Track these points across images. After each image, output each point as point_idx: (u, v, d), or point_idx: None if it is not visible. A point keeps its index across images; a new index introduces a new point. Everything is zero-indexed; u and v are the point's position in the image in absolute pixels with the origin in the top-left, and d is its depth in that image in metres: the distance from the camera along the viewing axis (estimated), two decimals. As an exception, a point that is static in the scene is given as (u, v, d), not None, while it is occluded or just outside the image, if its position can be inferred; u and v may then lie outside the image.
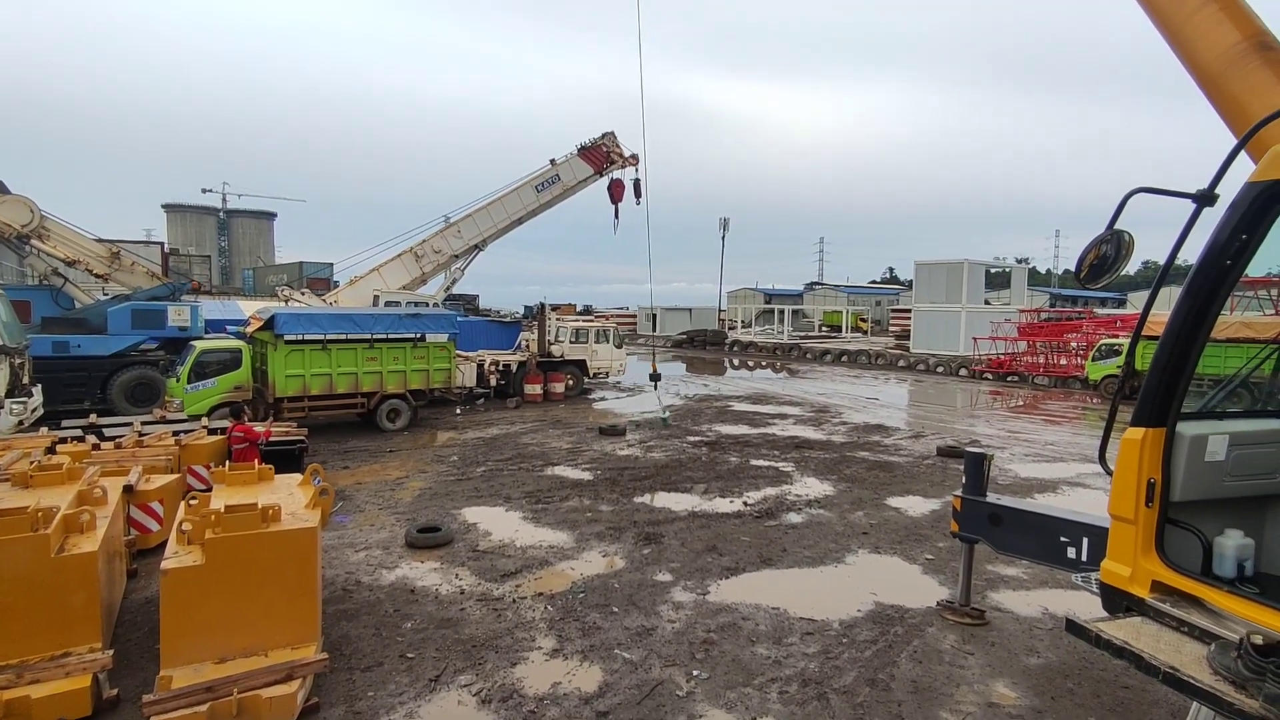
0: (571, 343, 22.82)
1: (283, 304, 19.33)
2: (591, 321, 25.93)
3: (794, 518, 9.65)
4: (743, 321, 56.87)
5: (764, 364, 36.84)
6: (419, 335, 16.47)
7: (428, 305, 20.88)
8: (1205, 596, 2.84)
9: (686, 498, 10.60)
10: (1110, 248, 2.98)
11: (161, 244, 38.72)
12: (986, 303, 39.60)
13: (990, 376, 29.59)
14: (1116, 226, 2.99)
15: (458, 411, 18.47)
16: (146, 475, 8.02)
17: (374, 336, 15.81)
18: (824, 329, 56.89)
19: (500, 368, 20.49)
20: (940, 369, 31.92)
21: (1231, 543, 3.09)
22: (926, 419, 19.24)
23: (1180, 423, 3.04)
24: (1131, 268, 3.34)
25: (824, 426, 17.15)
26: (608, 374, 23.96)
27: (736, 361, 38.60)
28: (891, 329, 52.12)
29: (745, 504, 10.24)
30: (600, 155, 22.34)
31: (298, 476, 6.60)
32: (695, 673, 5.53)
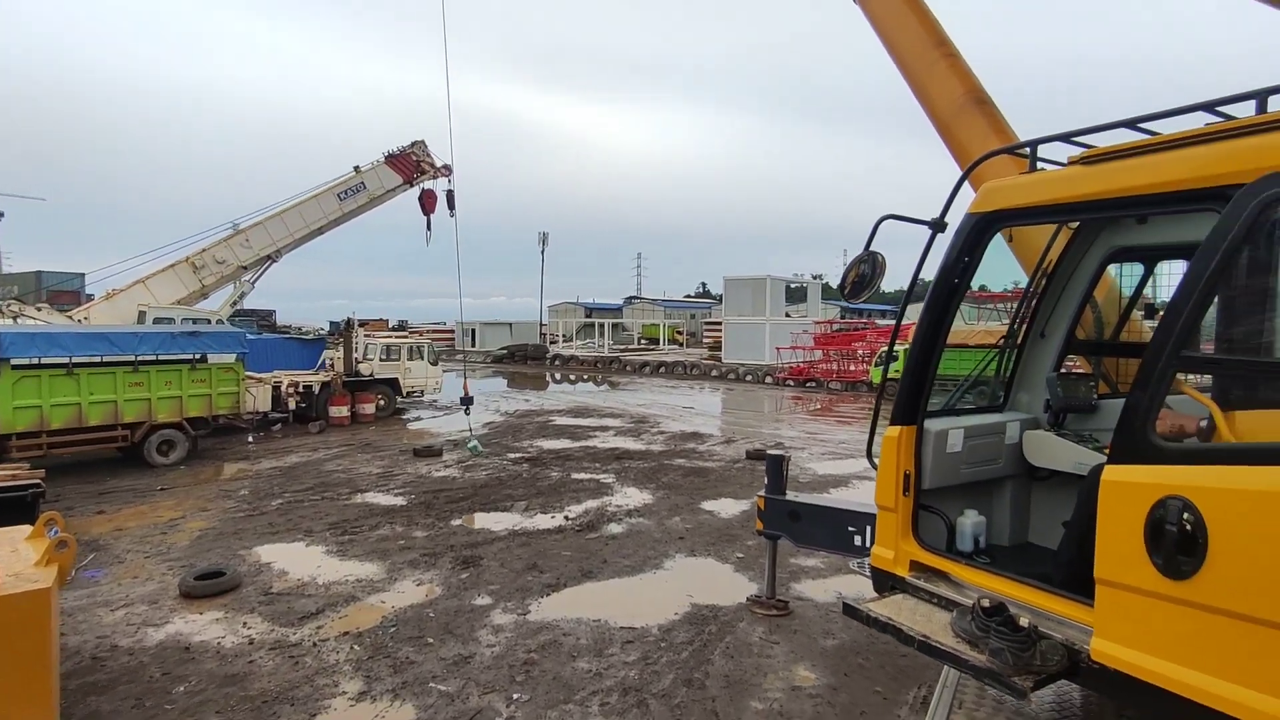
0: (382, 360, 21.53)
1: (10, 321, 16.24)
2: (405, 337, 24.69)
3: (614, 528, 9.82)
4: (564, 335, 57.24)
5: (586, 377, 37.31)
6: (198, 355, 14.62)
7: (209, 321, 18.66)
8: (949, 570, 3.30)
9: (507, 516, 10.39)
10: (868, 267, 3.40)
11: None
12: (787, 315, 43.30)
13: (792, 383, 32.34)
14: (872, 248, 3.41)
15: (250, 440, 16.63)
16: None
17: (139, 358, 13.75)
18: (643, 342, 58.85)
19: (300, 389, 18.78)
20: (749, 377, 34.32)
21: (969, 521, 3.63)
22: (737, 425, 20.56)
23: (927, 420, 3.52)
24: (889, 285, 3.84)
25: (643, 437, 17.69)
26: (423, 392, 22.90)
27: (558, 375, 38.72)
28: (705, 340, 55.18)
29: (566, 518, 10.25)
30: (410, 164, 21.39)
31: (26, 529, 5.52)
32: (515, 696, 5.41)
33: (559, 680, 5.66)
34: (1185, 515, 2.32)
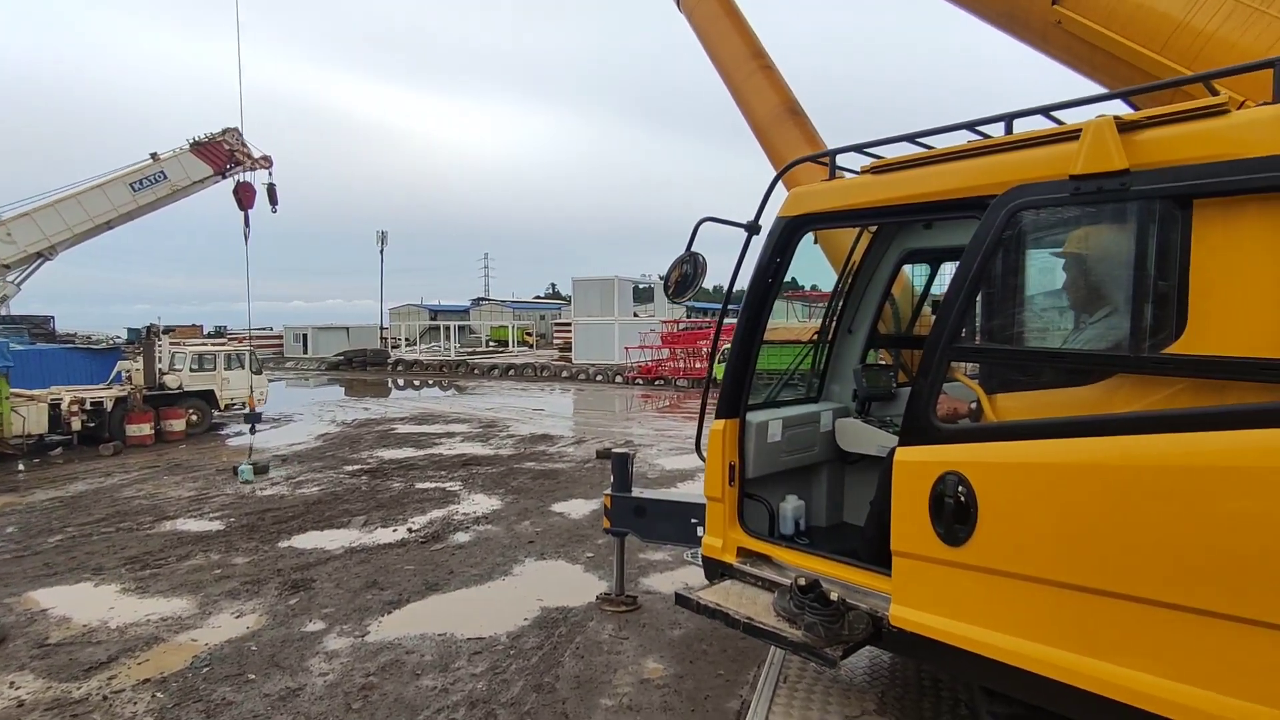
0: (194, 371, 19.34)
1: None
2: (222, 345, 22.37)
3: (461, 537, 9.51)
4: (407, 339, 54.62)
5: (431, 382, 35.87)
6: (-50, 372, 12.36)
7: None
8: (772, 553, 3.53)
9: (343, 533, 9.73)
10: (689, 267, 3.55)
11: None
12: (635, 315, 44.20)
13: (641, 382, 33.06)
14: (693, 249, 3.57)
15: (19, 468, 14.31)
16: None
17: None
18: (491, 344, 57.57)
19: (88, 406, 16.40)
20: (599, 377, 34.65)
21: (789, 506, 3.90)
22: (588, 425, 20.69)
23: (749, 413, 3.74)
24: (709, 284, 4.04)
25: (492, 441, 17.30)
26: (245, 404, 20.88)
27: (401, 381, 36.91)
28: (556, 341, 54.99)
29: (410, 530, 9.78)
30: (222, 154, 19.34)
31: None
32: (351, 726, 5.08)
33: (401, 701, 5.39)
34: (960, 488, 2.63)
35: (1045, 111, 2.83)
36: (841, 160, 3.50)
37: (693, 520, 6.16)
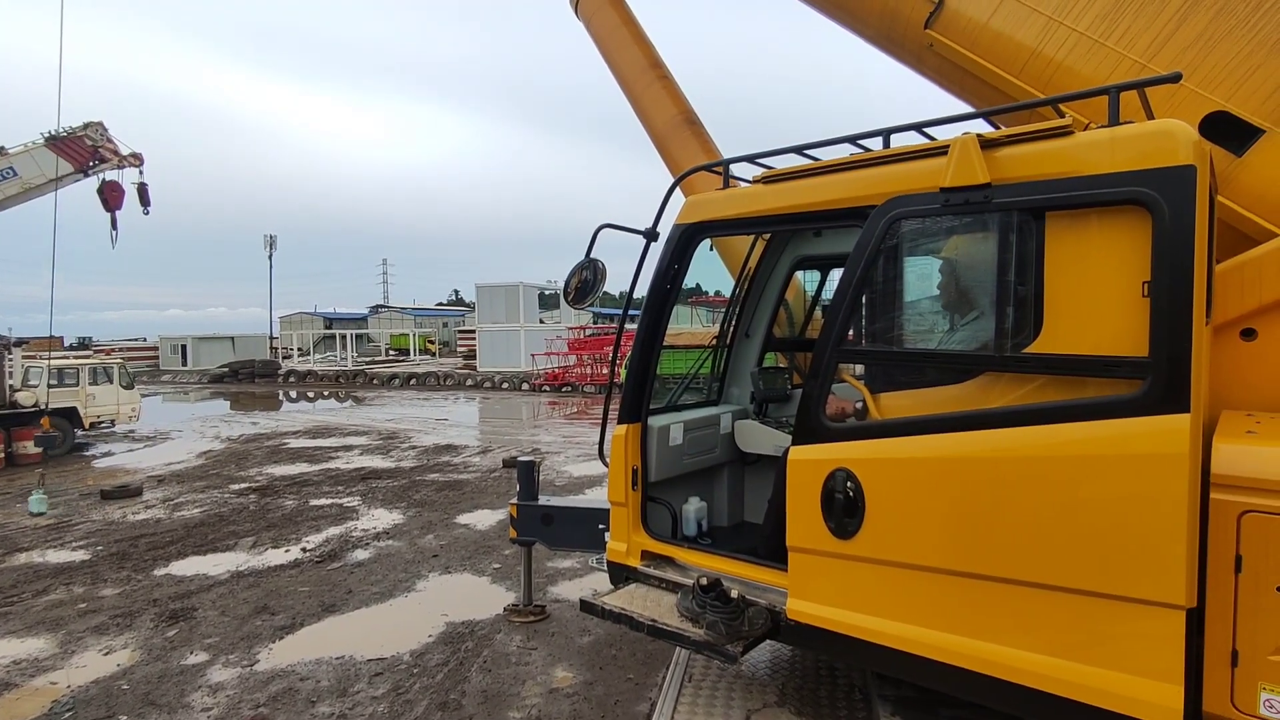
0: (53, 386, 17.56)
1: None
2: (86, 357, 20.45)
3: (361, 554, 9.10)
4: (300, 349, 51.78)
5: (327, 393, 34.15)
6: None
7: None
8: (675, 555, 3.59)
9: (229, 556, 9.10)
10: (589, 273, 3.57)
11: None
12: (541, 322, 43.77)
13: (548, 389, 32.75)
14: (593, 255, 3.59)
15: None
16: None
17: None
18: (391, 353, 55.46)
19: (-75, 429, 14.60)
20: (505, 385, 34.05)
21: (692, 508, 3.98)
22: (494, 434, 20.30)
23: (650, 417, 3.79)
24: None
25: (393, 453, 16.67)
26: (113, 422, 19.19)
27: (294, 393, 34.92)
28: (460, 349, 53.65)
29: (304, 550, 9.27)
30: (84, 150, 17.67)
31: None
32: (237, 762, 4.75)
33: (294, 732, 5.09)
34: (848, 484, 2.77)
35: (918, 128, 3.03)
36: (735, 170, 3.62)
37: (600, 526, 6.14)
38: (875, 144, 3.12)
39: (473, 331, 44.23)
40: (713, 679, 3.75)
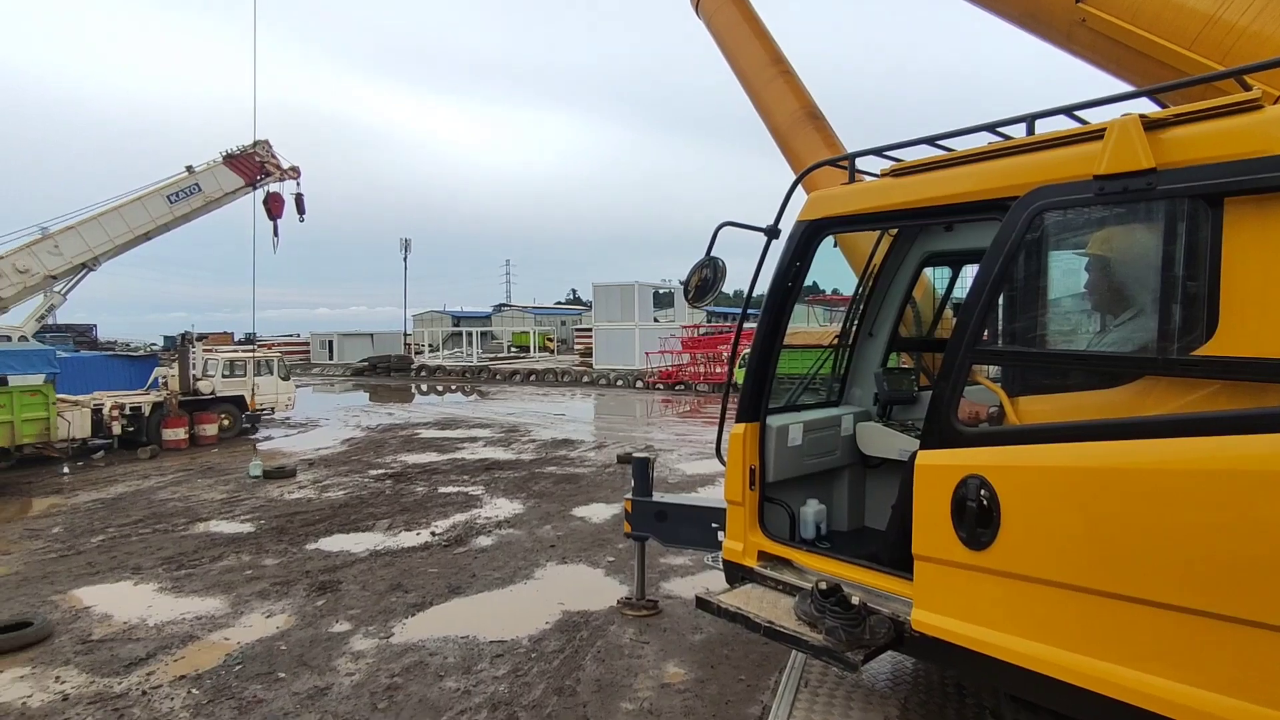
0: (226, 377, 19.78)
1: None
2: (251, 351, 22.83)
3: (484, 541, 9.59)
4: (430, 345, 55.20)
5: (454, 388, 36.20)
6: (-4, 378, 12.78)
7: (10, 339, 16.34)
8: (793, 557, 3.52)
9: (368, 536, 9.87)
10: (709, 272, 3.57)
11: None
12: (655, 320, 44.25)
13: (661, 387, 33.06)
14: (712, 254, 3.59)
15: (64, 470, 14.71)
16: None
17: (-83, 383, 11.83)
18: (513, 349, 57.96)
19: (127, 411, 16.85)
20: (620, 382, 34.71)
21: (810, 510, 3.89)
22: (608, 430, 20.74)
23: (769, 417, 3.74)
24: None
25: (513, 446, 17.42)
26: (273, 409, 21.29)
27: (425, 387, 37.30)
28: (576, 347, 55.20)
29: (433, 534, 9.90)
30: (253, 165, 19.80)
31: None
32: (376, 725, 5.15)
33: (425, 702, 5.45)
34: (982, 492, 2.61)
35: (1068, 111, 2.80)
36: (861, 164, 3.50)
37: (713, 525, 6.16)
38: (1017, 133, 2.92)
39: (589, 330, 45.39)
40: (830, 686, 3.65)
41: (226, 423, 18.98)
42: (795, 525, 3.81)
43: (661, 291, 52.21)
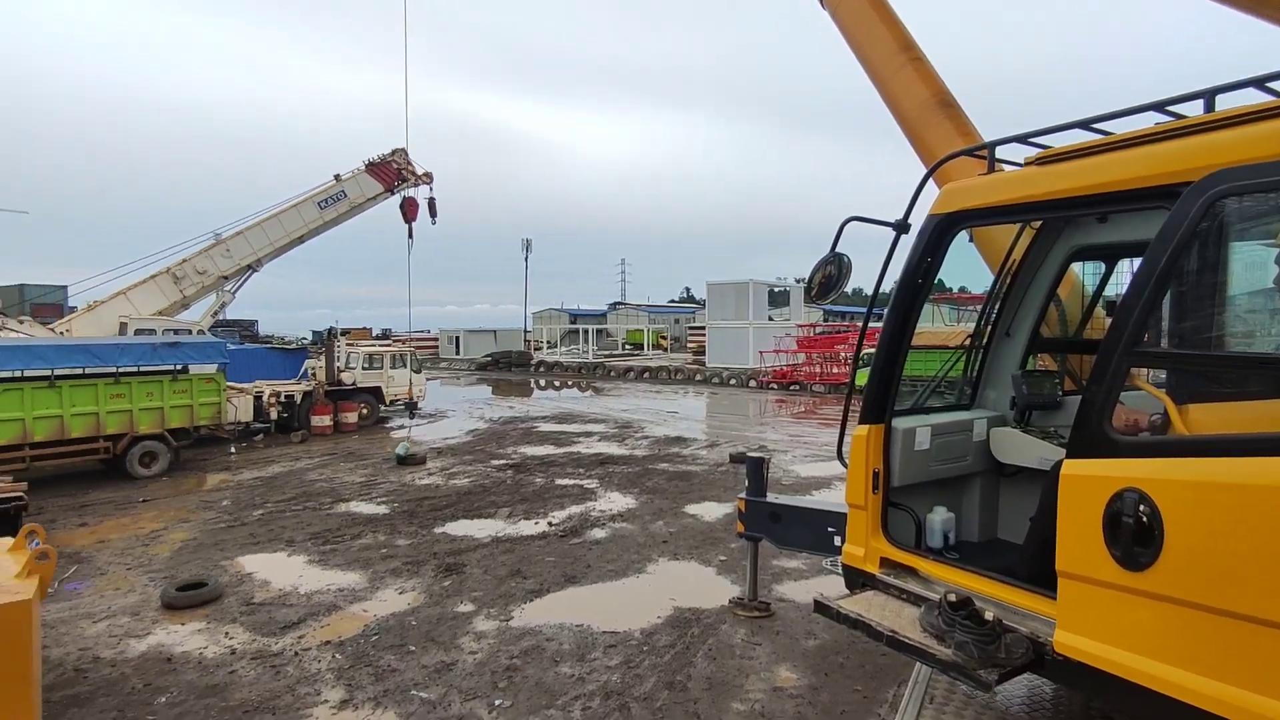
0: (365, 369, 21.41)
1: (-9, 334, 16.04)
2: (388, 346, 24.55)
3: (598, 533, 9.82)
4: (548, 342, 57.12)
5: (570, 383, 37.27)
6: (180, 366, 14.49)
7: (190, 332, 18.48)
8: (918, 566, 3.36)
9: (490, 523, 10.37)
10: (834, 268, 3.46)
11: None
12: (770, 319, 43.50)
13: (776, 386, 32.47)
14: (838, 249, 3.47)
15: (231, 450, 16.48)
16: None
17: (120, 370, 13.63)
18: (627, 347, 58.85)
19: (283, 399, 18.64)
20: (733, 381, 34.41)
21: (938, 518, 3.69)
22: (721, 429, 20.63)
23: (895, 419, 3.58)
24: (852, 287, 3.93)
25: (627, 442, 17.70)
26: (407, 400, 22.80)
27: (543, 382, 38.64)
28: (689, 345, 55.28)
29: (550, 524, 10.25)
30: (391, 172, 21.33)
31: (8, 541, 5.47)
32: (497, 702, 5.41)
33: (541, 686, 5.66)
34: (1141, 507, 2.38)
35: (1259, 84, 2.49)
36: (1002, 153, 3.28)
37: (829, 529, 5.99)
38: (1191, 112, 2.63)
39: (702, 328, 45.33)
40: (957, 705, 3.46)
41: (365, 412, 20.54)
42: (921, 533, 3.64)
43: (776, 290, 51.26)
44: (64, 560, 8.48)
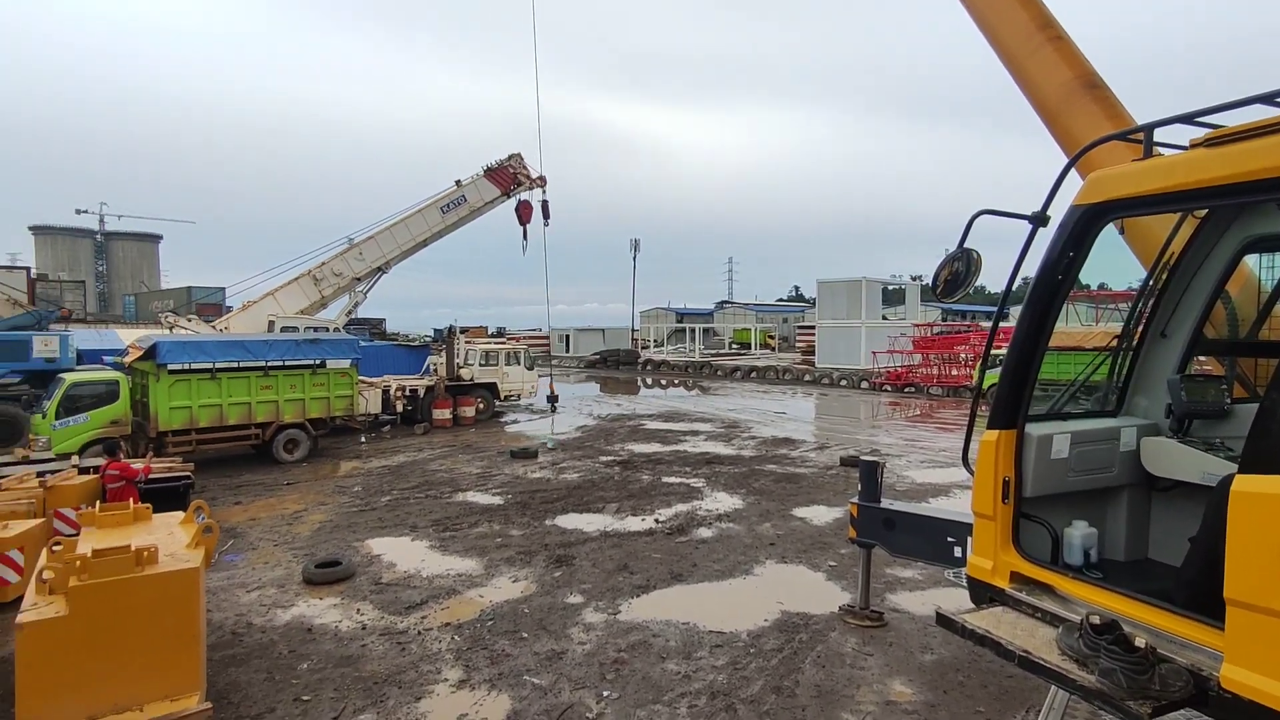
0: (481, 365, 22.44)
1: (167, 332, 18.09)
2: (502, 344, 25.62)
3: (704, 532, 9.80)
4: (655, 341, 57.55)
5: (677, 382, 37.38)
6: (318, 361, 15.77)
7: (328, 330, 20.06)
8: (1055, 584, 3.11)
9: (599, 518, 10.59)
10: (961, 265, 3.25)
11: (27, 269, 35.42)
12: (884, 318, 41.76)
13: (889, 388, 31.16)
14: (966, 245, 3.26)
15: (362, 440, 17.76)
16: (4, 521, 7.29)
17: (269, 364, 15.01)
18: (734, 346, 58.33)
19: (407, 393, 19.87)
20: (844, 382, 33.33)
21: (1078, 533, 3.40)
22: (831, 431, 20.04)
23: (1028, 424, 3.33)
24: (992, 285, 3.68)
25: (734, 441, 17.55)
26: (520, 396, 23.67)
27: (650, 380, 38.99)
28: (798, 345, 54.03)
29: (657, 521, 10.33)
30: (507, 176, 22.21)
31: (179, 515, 6.17)
32: (605, 693, 5.51)
33: (648, 680, 5.72)
34: (1330, 531, 2.10)
35: None
36: (1160, 135, 2.96)
37: (949, 539, 5.71)
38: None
39: (812, 327, 44.19)
40: (1100, 738, 3.19)
41: (481, 406, 21.52)
42: (1058, 548, 3.36)
43: (891, 288, 49.15)
44: (222, 534, 9.45)
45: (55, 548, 5.25)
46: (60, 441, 12.77)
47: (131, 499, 7.75)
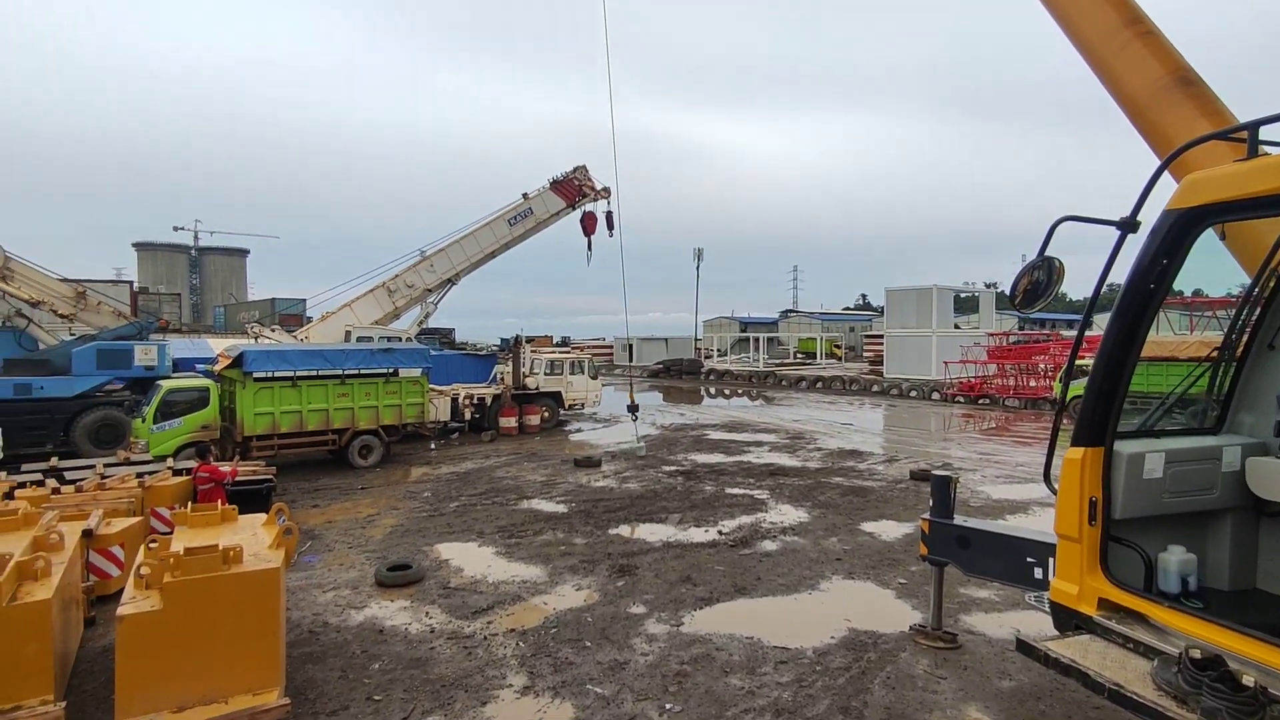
0: (546, 374, 22.78)
1: (252, 341, 19.12)
2: (567, 353, 25.95)
3: (768, 545, 9.65)
4: (719, 350, 57.19)
5: (740, 392, 37.02)
6: (391, 370, 16.35)
7: (400, 340, 20.77)
8: (1149, 613, 2.91)
9: (661, 528, 10.56)
10: (1042, 274, 3.10)
11: (130, 282, 38.19)
12: (956, 327, 40.36)
13: (962, 399, 30.01)
14: (1047, 253, 3.11)
15: (432, 446, 18.28)
16: (107, 519, 7.82)
17: (345, 372, 15.68)
18: (799, 356, 57.38)
19: (475, 401, 20.36)
20: (913, 393, 32.30)
21: (1174, 559, 3.18)
22: (900, 443, 19.43)
23: (1118, 441, 3.14)
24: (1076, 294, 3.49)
25: (799, 453, 17.24)
26: (583, 405, 23.90)
27: (713, 390, 38.74)
28: (865, 354, 52.77)
29: (720, 533, 10.23)
30: (572, 188, 22.57)
31: (262, 516, 6.49)
32: (668, 706, 5.48)
33: (711, 694, 5.66)
34: None
35: None
36: (1267, 133, 2.76)
37: (1029, 559, 5.44)
38: None
39: (880, 336, 43.08)
40: (1200, 780, 2.95)
41: (546, 414, 21.84)
42: (1152, 574, 3.15)
43: (963, 295, 47.46)
44: (301, 536, 9.88)
45: (151, 545, 5.62)
46: (157, 445, 13.65)
47: (220, 500, 8.22)
